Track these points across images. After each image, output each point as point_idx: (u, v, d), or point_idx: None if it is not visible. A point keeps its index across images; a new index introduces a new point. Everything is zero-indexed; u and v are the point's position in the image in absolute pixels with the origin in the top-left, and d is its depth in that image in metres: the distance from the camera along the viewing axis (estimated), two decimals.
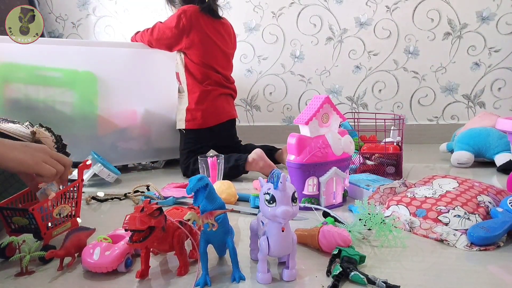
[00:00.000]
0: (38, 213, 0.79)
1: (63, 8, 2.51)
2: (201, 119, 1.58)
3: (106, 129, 1.64)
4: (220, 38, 1.63)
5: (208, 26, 1.57)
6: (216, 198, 0.70)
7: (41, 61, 1.48)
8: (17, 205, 0.86)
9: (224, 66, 1.67)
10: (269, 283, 0.69)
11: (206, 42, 1.58)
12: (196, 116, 1.57)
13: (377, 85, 2.33)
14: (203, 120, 1.58)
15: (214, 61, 1.61)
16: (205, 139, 1.61)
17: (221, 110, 1.63)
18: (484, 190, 0.99)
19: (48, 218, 0.83)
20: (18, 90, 1.45)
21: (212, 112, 1.60)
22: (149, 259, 0.74)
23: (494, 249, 0.82)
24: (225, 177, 1.36)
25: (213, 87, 1.60)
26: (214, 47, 1.61)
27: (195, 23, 1.54)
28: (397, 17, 2.24)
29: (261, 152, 1.48)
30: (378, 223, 0.86)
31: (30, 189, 0.86)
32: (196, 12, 1.54)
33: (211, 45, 1.59)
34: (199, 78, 1.58)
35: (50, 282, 0.72)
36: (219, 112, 1.62)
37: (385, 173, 1.43)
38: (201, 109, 1.57)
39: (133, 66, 1.64)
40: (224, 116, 1.64)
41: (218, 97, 1.61)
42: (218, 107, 1.61)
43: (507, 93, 2.23)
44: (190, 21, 1.53)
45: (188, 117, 1.58)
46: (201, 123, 1.58)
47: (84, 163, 0.90)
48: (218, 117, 1.61)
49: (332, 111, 1.12)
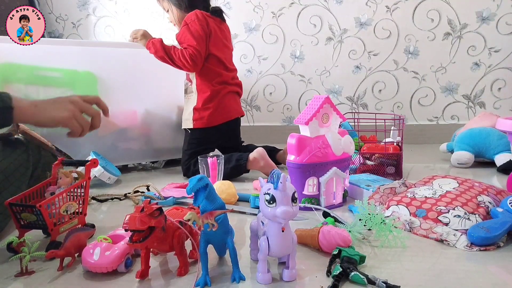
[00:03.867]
0: (45, 209, 0.81)
1: (63, 8, 2.51)
2: (209, 118, 1.57)
3: (106, 129, 1.64)
4: (226, 38, 1.65)
5: (215, 27, 1.58)
6: (216, 198, 0.70)
7: (41, 61, 1.48)
8: (27, 201, 0.88)
9: (232, 64, 1.69)
10: (269, 283, 0.69)
11: (218, 41, 1.59)
12: (203, 115, 1.56)
13: (377, 85, 2.33)
14: (211, 118, 1.57)
15: (225, 60, 1.62)
16: (211, 139, 1.60)
17: (229, 108, 1.62)
18: (484, 190, 0.99)
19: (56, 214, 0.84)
20: (18, 90, 1.45)
21: (221, 110, 1.59)
22: (149, 259, 0.74)
23: (494, 249, 0.82)
24: (226, 177, 1.37)
25: (222, 85, 1.60)
26: (225, 47, 1.63)
27: (209, 25, 1.56)
28: (397, 17, 2.24)
29: (262, 151, 1.48)
30: (378, 223, 0.86)
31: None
32: (207, 15, 1.57)
33: (221, 44, 1.61)
34: (210, 76, 1.58)
35: (50, 282, 0.72)
36: (227, 110, 1.61)
37: (385, 173, 1.43)
38: (210, 107, 1.57)
39: (133, 66, 1.64)
40: (232, 114, 1.63)
41: (226, 95, 1.61)
42: (226, 105, 1.61)
43: (507, 93, 2.23)
44: (207, 24, 1.54)
45: (196, 116, 1.57)
46: (209, 121, 1.57)
47: (92, 162, 0.91)
48: (226, 115, 1.61)
49: (332, 111, 1.12)
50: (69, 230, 0.80)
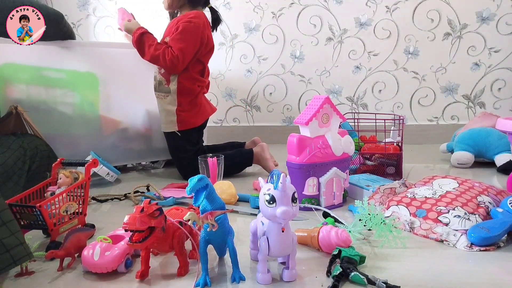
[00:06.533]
0: (45, 209, 0.81)
1: (63, 9, 2.49)
2: (194, 118, 1.57)
3: (107, 129, 1.64)
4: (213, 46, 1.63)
5: (210, 36, 1.58)
6: (216, 199, 0.70)
7: (43, 62, 1.48)
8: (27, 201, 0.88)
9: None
10: (269, 283, 0.69)
11: (209, 50, 1.59)
12: (188, 116, 1.55)
13: (377, 86, 2.33)
14: (195, 118, 1.57)
15: (207, 65, 1.62)
16: (196, 138, 1.61)
17: (205, 106, 1.63)
18: (484, 191, 0.99)
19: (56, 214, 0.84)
20: (20, 91, 1.45)
21: (203, 110, 1.60)
22: (149, 259, 0.74)
23: (494, 249, 0.82)
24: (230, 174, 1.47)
25: (200, 87, 1.59)
26: (210, 53, 1.61)
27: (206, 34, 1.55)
28: (397, 18, 2.24)
29: (266, 146, 1.61)
30: (378, 224, 0.86)
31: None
32: (208, 23, 1.57)
33: (210, 52, 1.61)
34: (193, 80, 1.55)
35: (50, 282, 0.72)
36: (204, 109, 1.61)
37: (385, 173, 1.43)
38: (193, 108, 1.56)
39: (133, 67, 1.64)
40: (208, 112, 1.64)
41: (202, 95, 1.62)
42: (203, 104, 1.61)
43: (507, 93, 2.23)
44: (206, 35, 1.54)
45: (181, 118, 1.54)
46: (194, 121, 1.57)
47: (92, 162, 0.91)
48: (205, 114, 1.61)
49: (332, 111, 1.12)
50: (69, 230, 0.80)
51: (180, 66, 1.48)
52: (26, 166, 1.00)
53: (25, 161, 1.00)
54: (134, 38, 1.48)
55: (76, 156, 1.46)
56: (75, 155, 1.46)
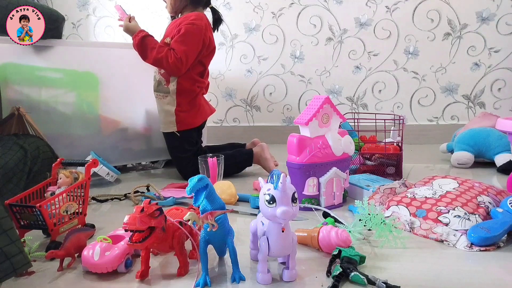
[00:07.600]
0: (45, 209, 0.81)
1: (63, 9, 2.50)
2: (193, 118, 1.57)
3: (106, 129, 1.64)
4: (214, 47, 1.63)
5: (211, 37, 1.58)
6: (216, 199, 0.70)
7: (42, 61, 1.48)
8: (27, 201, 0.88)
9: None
10: (269, 283, 0.69)
11: (211, 51, 1.59)
12: (187, 116, 1.55)
13: (377, 86, 2.33)
14: (195, 119, 1.57)
15: (208, 67, 1.62)
16: (196, 139, 1.61)
17: (204, 106, 1.63)
18: (484, 191, 0.99)
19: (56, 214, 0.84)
20: (20, 90, 1.45)
21: (202, 110, 1.60)
22: (149, 259, 0.74)
23: (494, 249, 0.82)
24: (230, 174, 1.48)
25: (200, 87, 1.59)
26: (211, 54, 1.61)
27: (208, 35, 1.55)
28: (397, 18, 2.24)
29: (266, 146, 1.61)
30: (378, 224, 0.86)
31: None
32: (209, 24, 1.56)
33: (212, 53, 1.61)
34: (193, 81, 1.55)
35: (50, 282, 0.72)
36: (203, 109, 1.61)
37: (385, 173, 1.43)
38: (192, 108, 1.57)
39: (133, 67, 1.64)
40: (207, 112, 1.64)
41: (201, 95, 1.62)
42: (202, 104, 1.61)
43: (507, 93, 2.23)
44: (208, 36, 1.54)
45: (180, 118, 1.54)
46: (194, 122, 1.57)
47: (92, 162, 0.91)
48: (204, 114, 1.62)
49: (332, 111, 1.12)
50: (69, 231, 0.80)
51: (183, 69, 1.48)
52: (26, 168, 1.00)
53: (26, 162, 1.00)
54: (136, 42, 1.47)
55: (76, 156, 1.46)
56: (75, 155, 1.46)
